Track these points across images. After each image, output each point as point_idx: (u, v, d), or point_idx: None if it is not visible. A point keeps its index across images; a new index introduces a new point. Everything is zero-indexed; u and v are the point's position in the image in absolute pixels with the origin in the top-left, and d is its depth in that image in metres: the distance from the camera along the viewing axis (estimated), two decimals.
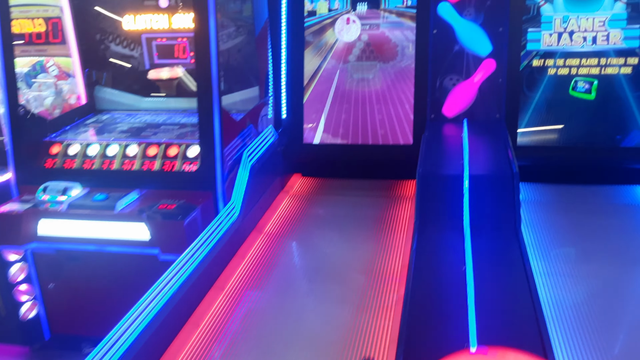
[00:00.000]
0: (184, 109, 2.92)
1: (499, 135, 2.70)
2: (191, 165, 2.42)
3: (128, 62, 2.96)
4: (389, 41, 3.10)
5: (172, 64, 2.90)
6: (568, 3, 2.82)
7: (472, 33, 2.91)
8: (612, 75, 2.82)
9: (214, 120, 2.29)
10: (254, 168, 2.57)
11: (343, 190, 3.10)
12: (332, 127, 3.16)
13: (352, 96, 3.13)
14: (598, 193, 2.81)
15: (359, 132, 3.13)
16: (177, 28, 2.84)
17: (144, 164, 2.46)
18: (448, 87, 3.00)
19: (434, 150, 2.56)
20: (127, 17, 2.87)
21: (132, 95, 3.00)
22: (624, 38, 2.78)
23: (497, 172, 2.28)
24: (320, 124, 3.16)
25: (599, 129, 2.87)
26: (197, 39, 2.25)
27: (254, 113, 2.80)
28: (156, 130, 2.69)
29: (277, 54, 3.03)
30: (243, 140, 2.61)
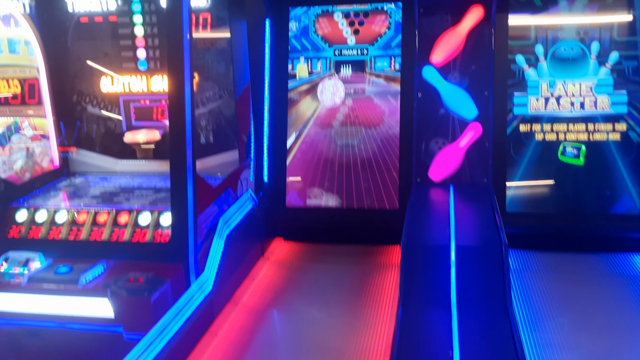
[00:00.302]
0: (160, 173, 2.81)
1: (487, 201, 2.61)
2: (163, 235, 2.29)
3: (105, 124, 2.87)
4: (375, 106, 3.04)
5: (150, 126, 2.82)
6: (553, 68, 2.79)
7: (457, 97, 2.87)
8: (601, 142, 2.76)
9: (187, 187, 2.17)
10: (230, 236, 2.44)
11: (326, 256, 2.97)
12: (315, 190, 3.06)
13: (336, 160, 3.04)
14: (589, 262, 2.70)
15: (344, 196, 3.03)
16: (157, 90, 2.77)
17: (114, 232, 2.33)
18: (434, 150, 2.92)
19: (419, 218, 2.45)
20: (105, 79, 2.80)
21: (107, 158, 2.90)
22: (611, 104, 2.74)
23: (485, 243, 2.17)
24: (303, 185, 3.07)
25: (589, 195, 2.78)
26: (171, 102, 2.16)
27: (233, 177, 2.69)
28: (129, 195, 2.57)
29: (259, 117, 2.96)
30: (220, 206, 2.49)
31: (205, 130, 2.77)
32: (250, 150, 2.90)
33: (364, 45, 3.08)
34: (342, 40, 3.10)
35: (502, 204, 2.82)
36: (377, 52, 3.06)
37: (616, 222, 2.74)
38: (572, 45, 2.78)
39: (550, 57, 2.79)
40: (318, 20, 3.12)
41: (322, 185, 3.05)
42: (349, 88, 3.08)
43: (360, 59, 3.08)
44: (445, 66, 2.88)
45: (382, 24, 3.05)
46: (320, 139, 3.07)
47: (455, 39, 2.84)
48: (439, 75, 2.88)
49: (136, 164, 2.88)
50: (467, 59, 2.85)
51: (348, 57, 3.09)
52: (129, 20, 2.72)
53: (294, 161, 3.08)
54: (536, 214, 2.81)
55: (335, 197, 3.03)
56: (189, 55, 2.11)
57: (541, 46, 2.81)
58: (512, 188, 2.85)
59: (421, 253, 2.17)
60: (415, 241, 2.21)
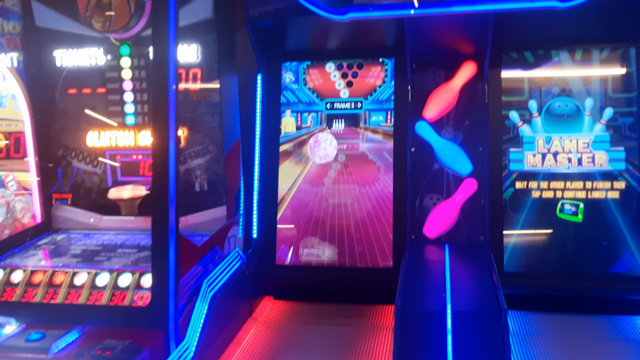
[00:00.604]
0: (145, 229, 2.71)
1: (484, 261, 2.50)
2: (144, 298, 2.17)
3: (90, 179, 2.80)
4: (370, 163, 2.97)
5: (137, 181, 2.74)
6: (547, 125, 2.75)
7: (451, 152, 2.81)
8: (600, 199, 2.68)
9: (168, 247, 2.07)
10: (215, 298, 2.32)
11: (318, 317, 2.83)
12: (306, 247, 2.95)
13: (327, 217, 2.95)
14: (591, 324, 2.57)
15: (336, 253, 2.92)
16: (143, 145, 2.71)
17: (92, 295, 2.21)
18: (428, 206, 2.84)
19: (414, 279, 2.35)
20: (92, 134, 2.75)
21: (92, 214, 2.81)
22: (609, 160, 2.68)
23: (483, 309, 2.06)
24: (294, 242, 2.97)
25: (590, 254, 2.68)
26: (154, 156, 2.08)
27: (220, 234, 2.60)
28: (111, 254, 2.46)
29: (249, 171, 2.89)
30: (205, 266, 2.38)
31: (193, 186, 2.69)
32: (240, 206, 2.82)
33: (357, 98, 3.03)
34: (334, 93, 3.05)
35: (499, 263, 2.71)
36: (372, 106, 3.00)
37: (618, 282, 2.63)
38: (567, 102, 2.74)
39: (545, 113, 2.76)
40: (308, 72, 3.08)
41: (314, 242, 2.95)
42: (341, 144, 3.02)
43: (354, 112, 3.03)
44: (439, 121, 2.83)
45: (377, 77, 3.00)
46: (311, 198, 2.98)
47: (448, 94, 2.81)
48: (432, 131, 2.83)
49: (121, 220, 2.78)
50: (460, 115, 2.81)
51: (341, 111, 3.04)
52: (118, 75, 2.69)
53: (284, 218, 2.99)
54: (535, 274, 2.70)
55: (328, 255, 2.93)
56: (174, 108, 2.04)
57: (535, 102, 2.78)
58: (509, 246, 2.75)
59: (416, 318, 2.05)
60: (409, 305, 2.09)
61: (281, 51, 3.04)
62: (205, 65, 2.67)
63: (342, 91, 3.04)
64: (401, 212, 2.86)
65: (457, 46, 2.75)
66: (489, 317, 2.01)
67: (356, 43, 2.91)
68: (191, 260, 2.28)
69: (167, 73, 2.02)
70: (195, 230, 2.66)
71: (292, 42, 3.01)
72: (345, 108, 3.03)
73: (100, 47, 2.70)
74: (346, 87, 3.04)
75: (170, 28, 1.98)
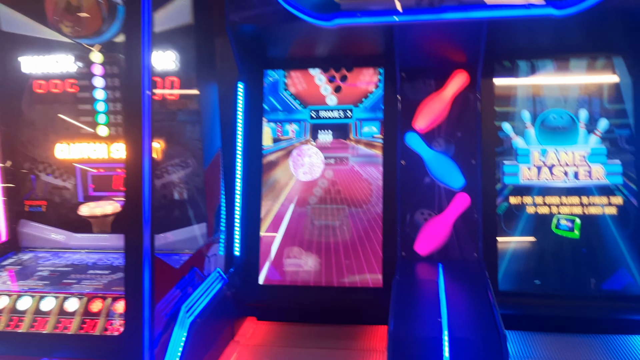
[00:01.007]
0: (119, 248, 2.53)
1: (479, 280, 2.38)
2: (117, 324, 2.00)
3: (60, 194, 2.61)
4: (361, 179, 2.80)
5: (110, 197, 2.57)
6: (541, 137, 2.64)
7: (443, 165, 2.68)
8: (597, 215, 2.58)
9: (143, 270, 1.91)
10: (194, 324, 2.16)
11: (304, 339, 2.67)
12: (291, 265, 2.80)
13: (314, 234, 2.81)
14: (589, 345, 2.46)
15: (323, 272, 2.77)
16: (117, 158, 2.54)
17: (59, 322, 2.03)
18: (419, 222, 2.71)
19: (407, 301, 2.21)
20: (61, 146, 2.57)
21: (61, 231, 2.63)
22: (606, 174, 2.58)
23: (482, 334, 1.93)
24: (279, 260, 2.81)
25: (587, 271, 2.58)
26: (127, 170, 1.91)
27: (200, 254, 2.44)
28: (82, 276, 2.29)
29: (230, 185, 2.73)
30: (183, 289, 2.22)
31: (171, 201, 2.52)
32: (221, 222, 2.66)
33: (347, 105, 2.86)
34: (319, 99, 2.85)
35: (494, 281, 2.60)
36: (364, 115, 2.82)
37: (616, 302, 2.52)
38: (562, 114, 2.65)
39: (540, 126, 2.65)
40: (290, 75, 2.87)
41: (299, 260, 2.80)
42: (329, 158, 2.83)
43: (343, 122, 2.88)
44: (430, 133, 2.71)
45: (369, 81, 2.81)
46: (295, 217, 2.82)
47: (439, 104, 2.69)
48: (423, 143, 2.71)
49: (93, 238, 2.60)
50: (452, 126, 2.69)
51: (327, 121, 2.88)
52: (89, 83, 2.52)
53: (267, 236, 2.84)
54: (530, 293, 2.59)
55: (314, 274, 2.78)
56: (149, 117, 1.88)
57: (528, 112, 2.67)
58: (504, 264, 2.64)
59: (411, 345, 1.91)
60: (403, 331, 1.96)
61: (264, 58, 2.90)
62: (183, 73, 2.51)
63: (329, 97, 2.85)
64: (391, 227, 2.72)
65: (449, 55, 2.63)
66: (488, 344, 1.88)
67: (343, 51, 2.78)
68: (168, 283, 2.12)
69: (140, 79, 1.86)
70: (174, 249, 2.50)
71: (275, 49, 2.87)
72: (332, 117, 2.87)
73: (70, 53, 2.53)
74: (334, 93, 2.86)
75: (145, 32, 1.83)
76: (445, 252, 2.67)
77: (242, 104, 2.80)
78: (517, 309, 2.55)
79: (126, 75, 1.84)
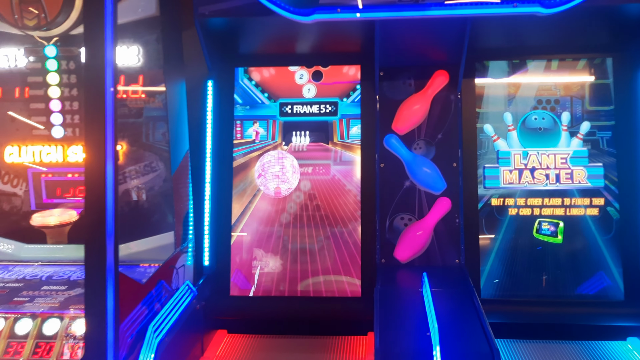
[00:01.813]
0: (76, 260, 2.32)
1: (464, 289, 2.28)
2: (75, 349, 1.80)
3: (9, 201, 2.37)
4: (345, 191, 2.55)
5: (66, 204, 2.35)
6: (523, 139, 2.58)
7: (423, 168, 2.58)
8: (579, 217, 2.53)
9: (106, 288, 1.71)
10: (162, 345, 1.97)
11: (279, 352, 2.51)
12: (264, 274, 2.64)
13: (289, 240, 2.65)
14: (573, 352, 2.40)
15: (298, 281, 2.62)
16: (74, 162, 2.32)
17: (10, 347, 1.81)
18: (399, 227, 2.60)
19: (391, 314, 2.09)
20: (11, 148, 2.33)
21: (10, 241, 2.38)
22: (588, 177, 2.53)
23: (474, 350, 1.82)
24: (251, 269, 2.65)
25: (569, 277, 2.53)
26: (87, 175, 1.70)
27: (167, 265, 2.25)
28: (35, 292, 2.06)
29: (199, 190, 2.55)
30: (150, 306, 2.03)
31: (134, 209, 2.32)
32: (189, 230, 2.48)
33: (330, 98, 2.60)
34: (293, 90, 2.53)
35: (476, 288, 2.50)
36: (351, 110, 2.60)
37: (599, 308, 2.48)
38: (543, 115, 2.58)
39: (521, 127, 2.59)
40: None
41: (272, 268, 2.64)
42: (305, 166, 2.54)
43: (324, 120, 2.64)
44: (409, 134, 2.61)
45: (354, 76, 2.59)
46: (266, 232, 2.63)
47: (419, 105, 2.59)
48: (402, 145, 2.60)
49: (47, 249, 2.37)
50: (432, 128, 2.59)
51: (304, 118, 2.64)
52: (43, 80, 2.29)
53: (240, 238, 2.67)
54: (514, 301, 2.52)
55: (289, 283, 2.63)
56: (112, 117, 1.69)
57: (510, 114, 2.60)
58: (485, 270, 2.55)
59: None
60: (391, 348, 1.83)
61: (235, 55, 2.72)
62: (148, 70, 2.31)
63: (306, 87, 2.49)
64: (370, 233, 2.60)
65: (430, 53, 2.53)
66: None
67: (320, 48, 2.63)
68: (133, 299, 1.93)
69: (103, 75, 1.66)
70: (138, 260, 2.29)
71: (247, 45, 2.69)
72: (311, 113, 2.63)
73: (21, 46, 2.30)
74: (311, 82, 2.52)
75: (108, 23, 1.64)
76: (426, 258, 2.57)
77: (211, 103, 2.62)
78: (500, 317, 2.46)
79: (87, 71, 1.64)
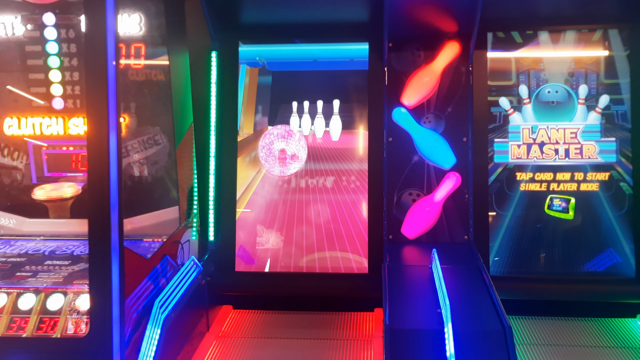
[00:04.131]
0: (79, 235, 2.28)
1: (473, 265, 2.25)
2: (79, 324, 1.76)
3: (9, 175, 2.32)
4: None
5: (68, 177, 2.30)
6: (538, 112, 2.51)
7: (432, 143, 2.53)
8: (591, 193, 2.48)
9: (111, 262, 1.67)
10: (168, 320, 1.94)
11: (284, 329, 2.50)
12: (270, 250, 2.61)
13: (294, 215, 2.61)
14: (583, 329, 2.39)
15: (304, 257, 2.59)
16: (75, 134, 2.26)
17: (13, 322, 1.78)
18: (407, 203, 2.55)
19: (401, 290, 2.05)
20: (10, 120, 2.27)
21: (13, 216, 2.34)
22: (599, 152, 2.47)
23: (485, 327, 1.79)
24: (256, 244, 2.61)
25: (580, 253, 2.49)
26: (90, 148, 1.65)
27: (171, 241, 2.21)
28: (38, 267, 2.02)
29: (203, 165, 2.50)
30: (155, 281, 2.00)
31: (137, 183, 2.27)
32: (193, 205, 2.43)
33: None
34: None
35: (485, 265, 2.47)
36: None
37: (610, 285, 2.45)
38: (557, 88, 2.52)
39: (534, 101, 2.52)
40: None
41: (278, 244, 2.61)
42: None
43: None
44: (419, 108, 2.54)
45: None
46: (273, 199, 2.62)
47: (429, 77, 2.52)
48: (411, 119, 2.54)
49: (49, 223, 2.33)
50: (442, 101, 2.53)
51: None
52: (42, 49, 2.22)
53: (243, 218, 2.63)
54: (523, 278, 2.48)
55: (294, 259, 2.59)
56: (115, 88, 1.63)
57: (525, 87, 2.53)
58: (494, 246, 2.52)
59: (410, 341, 1.76)
60: (401, 325, 1.80)
61: (238, 25, 2.63)
62: (150, 39, 2.24)
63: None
64: (377, 209, 2.56)
65: (440, 23, 2.45)
66: (492, 337, 1.75)
67: (326, 18, 2.55)
68: (139, 275, 1.90)
69: (104, 46, 1.60)
70: (142, 235, 2.26)
71: (250, 15, 2.61)
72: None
73: (18, 13, 2.22)
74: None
75: None
76: (434, 235, 2.53)
77: (215, 75, 2.55)
78: (509, 294, 2.42)
79: (87, 39, 1.58)
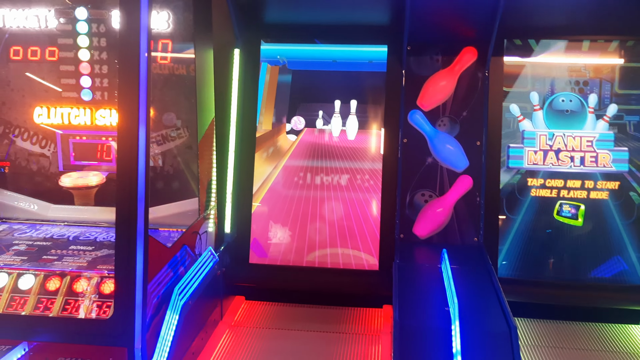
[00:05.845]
0: (103, 222, 2.37)
1: (482, 267, 2.31)
2: (103, 307, 1.85)
3: (37, 162, 2.41)
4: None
5: (93, 167, 2.38)
6: (549, 120, 2.56)
7: (446, 145, 2.58)
8: (600, 201, 2.53)
9: (136, 249, 1.75)
10: (186, 307, 2.03)
11: (295, 321, 2.57)
12: (283, 244, 2.68)
13: (308, 211, 2.68)
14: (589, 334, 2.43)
15: (317, 252, 2.66)
16: (102, 125, 2.35)
17: (40, 303, 1.86)
18: (420, 203, 2.62)
19: (411, 288, 2.12)
20: (40, 110, 2.36)
21: (38, 201, 2.43)
22: (612, 160, 2.52)
23: (491, 327, 1.85)
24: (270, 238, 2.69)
25: (588, 260, 2.54)
26: (120, 138, 1.73)
27: (191, 231, 2.29)
28: (63, 251, 2.11)
29: (221, 159, 2.58)
30: (175, 269, 2.08)
31: (160, 174, 2.36)
32: (211, 197, 2.51)
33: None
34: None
35: (494, 266, 2.53)
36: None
37: (616, 292, 2.49)
38: (571, 97, 2.56)
39: (547, 108, 2.56)
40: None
41: (292, 239, 2.68)
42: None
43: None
44: (434, 111, 2.60)
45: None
46: (286, 202, 2.69)
47: (445, 81, 2.57)
48: (426, 121, 2.59)
49: (73, 210, 2.42)
50: (458, 105, 2.58)
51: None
52: (73, 42, 2.30)
53: (258, 212, 2.70)
54: (530, 282, 2.53)
55: (307, 254, 2.66)
56: (146, 82, 1.71)
57: (536, 94, 2.58)
58: (504, 249, 2.57)
59: (418, 337, 1.83)
60: (410, 322, 1.86)
61: (261, 24, 2.70)
62: (178, 36, 2.31)
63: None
64: (390, 208, 2.62)
65: (459, 30, 2.50)
66: (498, 337, 1.81)
67: (347, 20, 2.60)
68: (159, 262, 1.97)
69: (137, 40, 1.68)
70: (160, 225, 2.34)
71: (273, 14, 2.68)
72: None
73: (52, 8, 2.30)
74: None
75: None
76: (444, 236, 2.59)
77: (238, 73, 2.63)
78: (516, 297, 2.48)
79: (124, 35, 1.65)
